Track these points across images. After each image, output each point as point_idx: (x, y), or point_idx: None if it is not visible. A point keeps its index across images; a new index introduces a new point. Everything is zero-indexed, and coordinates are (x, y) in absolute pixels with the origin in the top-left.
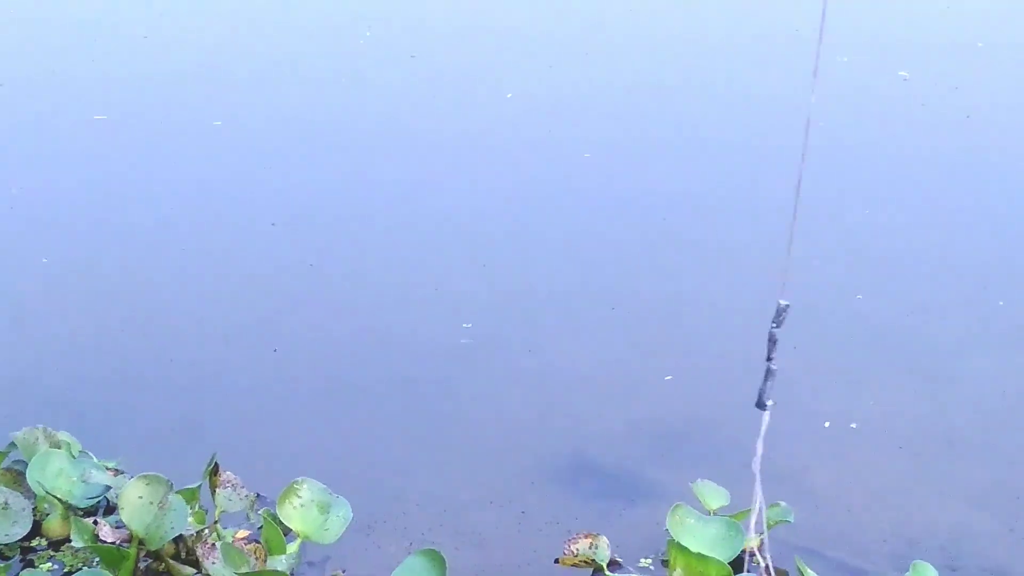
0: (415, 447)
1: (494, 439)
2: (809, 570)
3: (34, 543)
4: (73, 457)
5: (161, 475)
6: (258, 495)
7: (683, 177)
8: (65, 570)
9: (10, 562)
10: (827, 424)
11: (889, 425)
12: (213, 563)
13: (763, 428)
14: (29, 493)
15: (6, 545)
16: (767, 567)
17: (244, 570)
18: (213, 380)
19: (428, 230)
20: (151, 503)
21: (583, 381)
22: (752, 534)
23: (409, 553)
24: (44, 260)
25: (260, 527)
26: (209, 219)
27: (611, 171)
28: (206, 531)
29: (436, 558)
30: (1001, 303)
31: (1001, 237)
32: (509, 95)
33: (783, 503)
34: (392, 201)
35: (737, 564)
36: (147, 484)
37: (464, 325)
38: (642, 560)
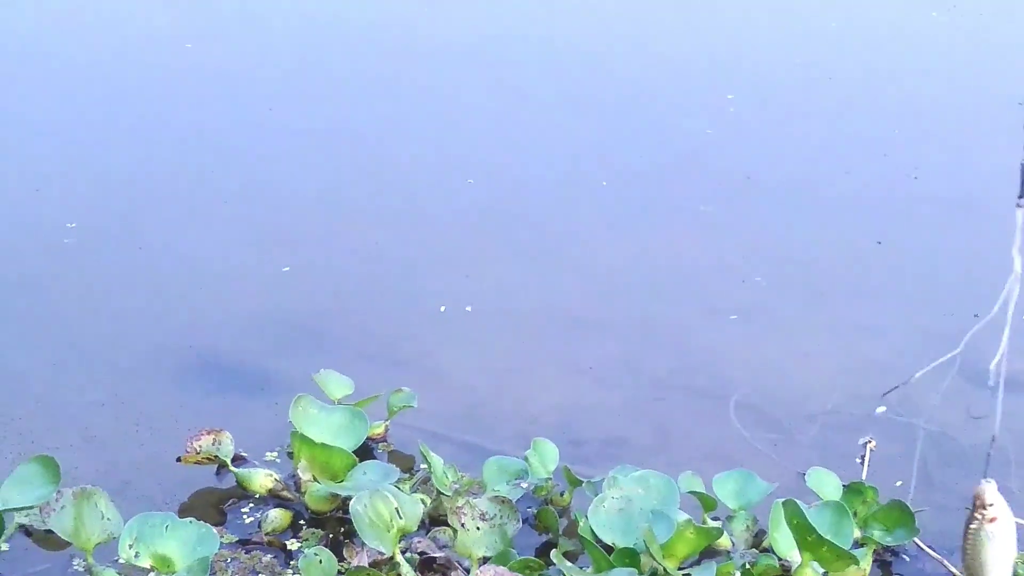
0: (25, 352)
1: (105, 338)
2: (433, 455)
3: None
4: None
5: None
6: None
7: None
8: None
9: None
10: (443, 308)
11: (504, 306)
12: None
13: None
14: None
15: None
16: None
17: None
18: None
19: None
20: None
21: (196, 275)
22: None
23: (16, 462)
24: None
25: None
26: None
27: None
28: None
29: (49, 464)
30: (604, 183)
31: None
32: None
33: (406, 388)
34: None
35: (362, 452)
36: None
37: (68, 225)
38: (267, 454)
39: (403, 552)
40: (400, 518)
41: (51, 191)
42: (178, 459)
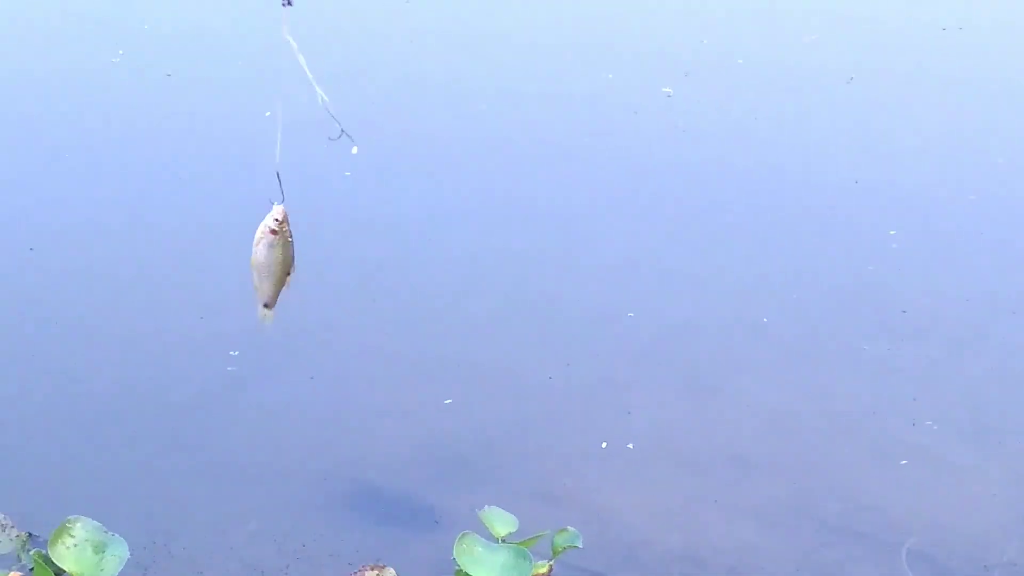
0: (190, 479)
1: (270, 468)
2: None
3: None
4: None
5: None
6: (30, 535)
7: None
8: None
9: None
10: (604, 445)
11: (666, 445)
12: None
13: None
14: None
15: None
16: None
17: None
18: None
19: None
20: None
21: (360, 406)
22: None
23: None
24: None
25: (32, 569)
26: None
27: None
28: None
29: None
30: (765, 320)
31: (762, 252)
32: None
33: (571, 528)
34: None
35: None
36: None
37: (231, 353)
38: None
39: None
40: None
41: (215, 319)
42: None
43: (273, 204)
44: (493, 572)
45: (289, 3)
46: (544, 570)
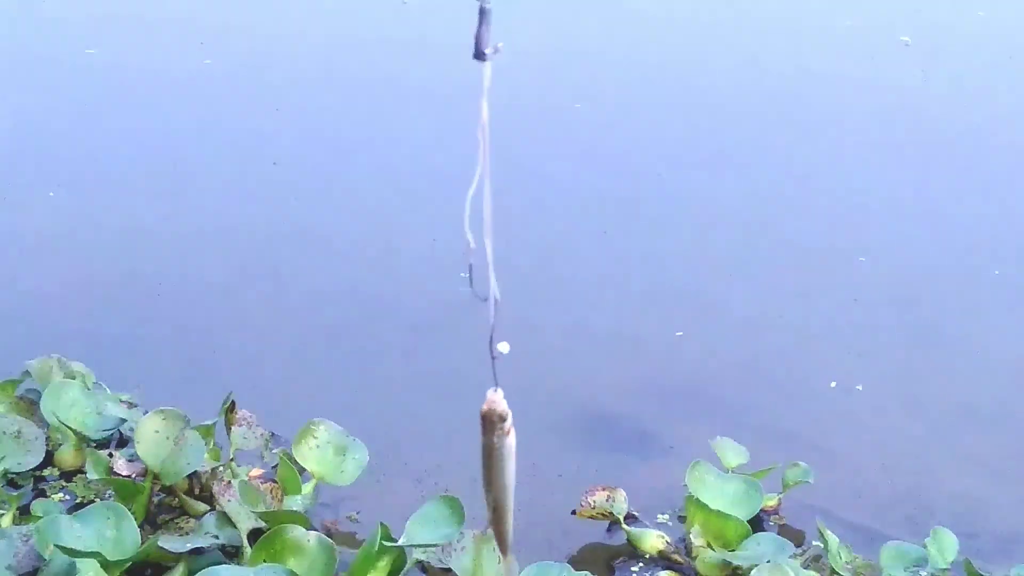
0: (428, 394)
1: (508, 390)
2: (829, 533)
3: (46, 473)
4: (87, 388)
5: (178, 410)
6: (273, 434)
7: None
8: (77, 501)
9: (22, 491)
10: (833, 384)
11: (895, 389)
12: (229, 500)
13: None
14: (42, 423)
15: (18, 474)
16: None
17: (260, 508)
18: (229, 319)
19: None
20: (167, 438)
21: (594, 340)
22: None
23: (422, 500)
24: (51, 193)
25: (275, 466)
26: (207, 165)
27: None
28: (221, 468)
29: (454, 505)
30: (997, 272)
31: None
32: None
33: (803, 463)
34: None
35: (754, 523)
36: (164, 419)
37: (462, 274)
38: (659, 516)
39: None
40: None
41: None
42: (573, 512)
43: (488, 391)
44: (724, 500)
45: (485, 55)
46: (773, 503)
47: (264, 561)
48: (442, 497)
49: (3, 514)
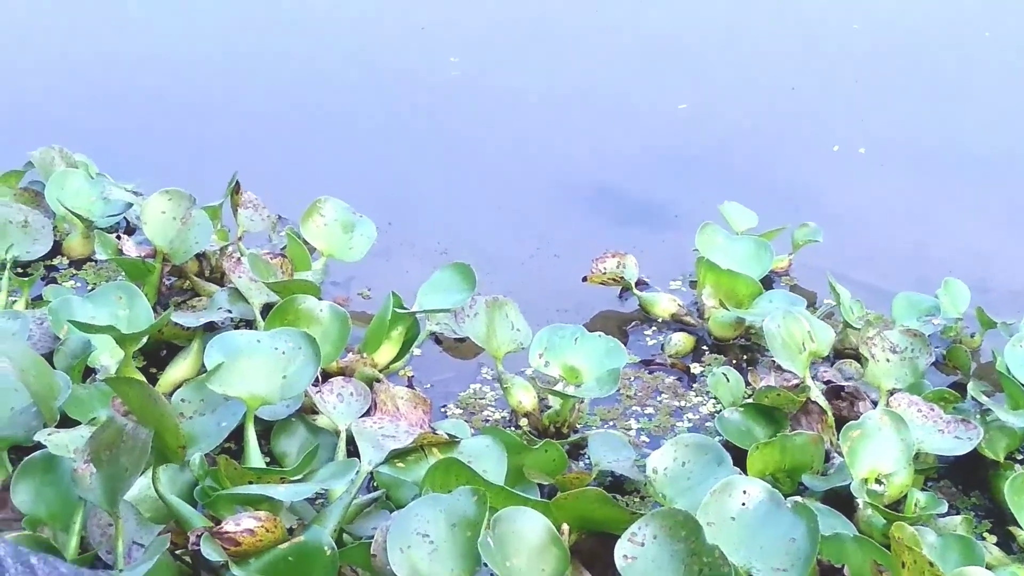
0: (432, 171)
1: (511, 163)
2: (840, 286)
3: (55, 262)
4: (91, 177)
5: (183, 190)
6: (279, 217)
7: None
8: (89, 287)
9: (32, 276)
10: (836, 148)
11: (901, 147)
12: (240, 276)
13: None
14: (48, 212)
15: (28, 263)
16: None
17: (272, 280)
18: (229, 103)
19: None
20: (174, 218)
21: (597, 112)
22: None
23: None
24: None
25: (283, 248)
26: None
27: None
28: (230, 247)
29: (466, 271)
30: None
31: None
32: None
33: (811, 223)
34: None
35: (765, 284)
36: (169, 199)
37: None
38: (670, 283)
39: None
40: (812, 341)
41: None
42: (584, 279)
43: None
44: (734, 260)
45: None
46: (784, 264)
47: None
48: (453, 264)
49: (15, 300)
